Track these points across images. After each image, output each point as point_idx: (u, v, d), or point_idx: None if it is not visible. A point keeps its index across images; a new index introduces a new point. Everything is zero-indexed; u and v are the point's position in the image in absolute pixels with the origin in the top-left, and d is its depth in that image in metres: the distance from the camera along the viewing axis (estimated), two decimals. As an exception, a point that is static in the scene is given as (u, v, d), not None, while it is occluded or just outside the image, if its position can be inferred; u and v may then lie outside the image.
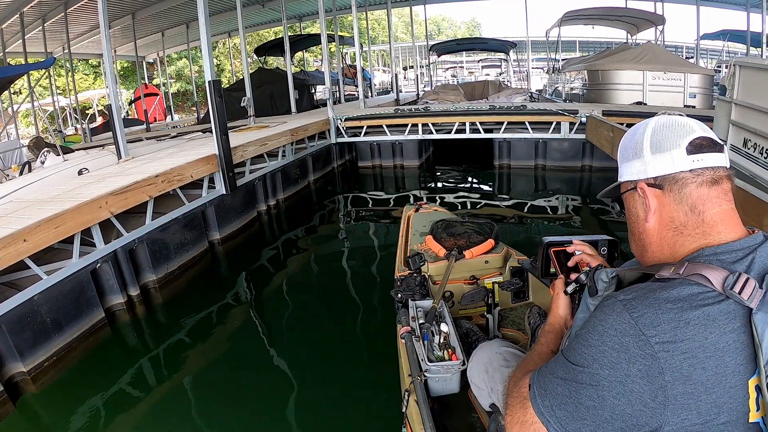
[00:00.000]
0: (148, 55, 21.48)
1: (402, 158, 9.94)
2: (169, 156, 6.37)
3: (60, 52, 15.36)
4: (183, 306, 4.67)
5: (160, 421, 3.10)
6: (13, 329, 3.46)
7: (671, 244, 0.95)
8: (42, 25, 12.53)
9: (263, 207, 7.35)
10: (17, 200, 4.79)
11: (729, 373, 0.77)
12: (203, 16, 5.83)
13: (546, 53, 19.91)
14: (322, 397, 3.17)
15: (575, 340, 0.90)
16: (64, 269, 3.95)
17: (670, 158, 0.94)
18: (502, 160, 9.33)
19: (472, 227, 3.09)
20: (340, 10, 18.45)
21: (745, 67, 4.18)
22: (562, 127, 8.46)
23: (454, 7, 67.64)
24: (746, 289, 0.78)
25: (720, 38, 18.54)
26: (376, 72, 30.17)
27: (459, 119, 9.14)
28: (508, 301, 2.69)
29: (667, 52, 12.06)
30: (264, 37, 27.12)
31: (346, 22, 29.00)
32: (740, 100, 4.14)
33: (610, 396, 0.80)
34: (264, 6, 16.61)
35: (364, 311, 4.35)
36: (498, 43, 19.76)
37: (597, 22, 17.29)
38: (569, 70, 14.54)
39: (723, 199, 0.92)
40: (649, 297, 0.83)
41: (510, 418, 0.96)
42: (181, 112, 28.04)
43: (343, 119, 9.65)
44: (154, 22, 16.34)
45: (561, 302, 1.39)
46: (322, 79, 14.96)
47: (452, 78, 27.94)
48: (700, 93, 10.41)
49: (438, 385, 1.96)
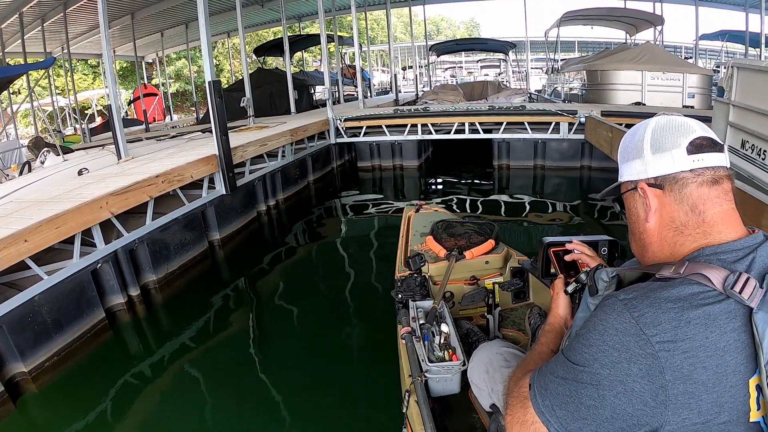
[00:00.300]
0: (147, 56, 21.46)
1: (401, 158, 9.95)
2: (169, 156, 6.38)
3: (59, 52, 15.35)
4: (183, 306, 4.69)
5: (160, 421, 3.10)
6: (13, 329, 3.47)
7: (671, 244, 0.95)
8: (41, 25, 12.52)
9: (263, 207, 7.36)
10: (17, 200, 4.79)
11: (730, 373, 0.77)
12: (203, 17, 5.83)
13: (545, 53, 19.90)
14: (322, 397, 3.17)
15: (576, 340, 0.90)
16: (65, 269, 3.96)
17: (671, 158, 0.93)
18: (501, 160, 9.34)
19: (472, 228, 3.09)
20: (339, 11, 18.45)
21: (743, 69, 4.19)
22: (561, 128, 8.47)
23: (454, 8, 67.39)
24: (747, 288, 0.78)
25: (719, 38, 18.54)
26: (375, 72, 30.18)
27: (458, 119, 9.15)
28: (508, 301, 2.69)
29: (665, 53, 12.06)
30: (263, 37, 27.10)
31: (345, 22, 28.99)
32: (738, 102, 4.16)
33: (611, 395, 0.80)
34: (263, 6, 16.63)
35: (364, 311, 4.35)
36: (497, 43, 19.75)
37: (596, 23, 17.30)
38: (568, 71, 14.52)
39: (723, 199, 0.92)
40: (650, 296, 0.83)
41: (510, 418, 0.96)
42: (180, 112, 28.02)
43: (342, 119, 9.66)
44: (153, 22, 16.33)
45: (561, 302, 1.39)
46: (321, 80, 14.95)
47: (451, 78, 27.95)
48: (698, 93, 10.40)
49: (438, 386, 1.96)
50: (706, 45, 21.69)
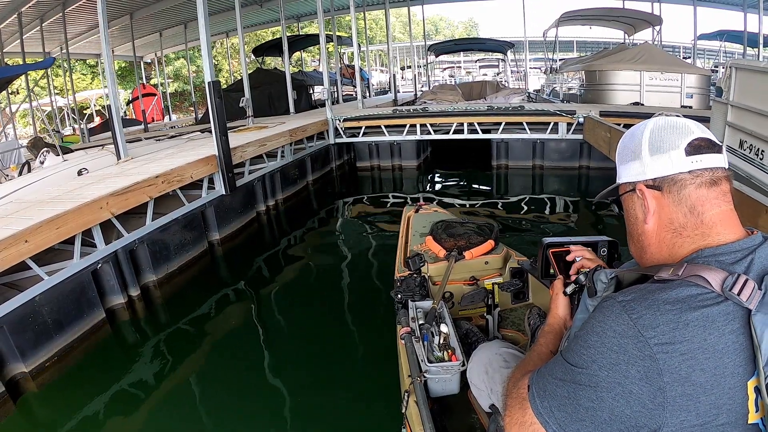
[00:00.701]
0: (146, 56, 21.45)
1: (400, 159, 9.97)
2: (168, 156, 6.38)
3: (57, 52, 15.33)
4: (183, 306, 4.68)
5: (160, 421, 3.11)
6: (14, 329, 3.48)
7: (670, 246, 0.95)
8: (40, 25, 12.50)
9: (262, 207, 7.37)
10: (17, 201, 4.80)
11: (728, 375, 0.76)
12: (203, 17, 5.84)
13: (543, 53, 19.94)
14: (321, 397, 3.18)
15: (574, 341, 0.90)
16: (66, 270, 3.97)
17: (669, 159, 0.93)
18: (500, 160, 9.36)
19: (472, 228, 3.09)
20: (338, 11, 18.46)
21: (741, 69, 4.21)
22: (560, 128, 8.49)
23: (452, 7, 67.51)
24: (745, 290, 0.78)
25: (717, 38, 18.55)
26: (374, 72, 30.15)
27: (457, 120, 9.16)
28: (507, 302, 2.67)
29: (664, 53, 12.08)
30: (262, 37, 27.09)
31: (344, 22, 28.97)
32: (736, 102, 4.17)
33: (609, 397, 0.81)
34: (262, 6, 16.62)
35: (363, 311, 4.35)
36: (495, 43, 19.73)
37: (594, 23, 17.31)
38: (566, 71, 14.55)
39: (722, 200, 0.91)
40: (648, 298, 0.83)
41: (509, 419, 0.96)
42: (179, 112, 27.99)
43: (341, 120, 9.67)
44: (152, 22, 16.31)
45: (560, 303, 1.38)
46: (319, 80, 14.96)
47: (450, 78, 27.97)
48: (697, 93, 10.41)
49: (438, 386, 1.95)
50: (704, 45, 21.66)
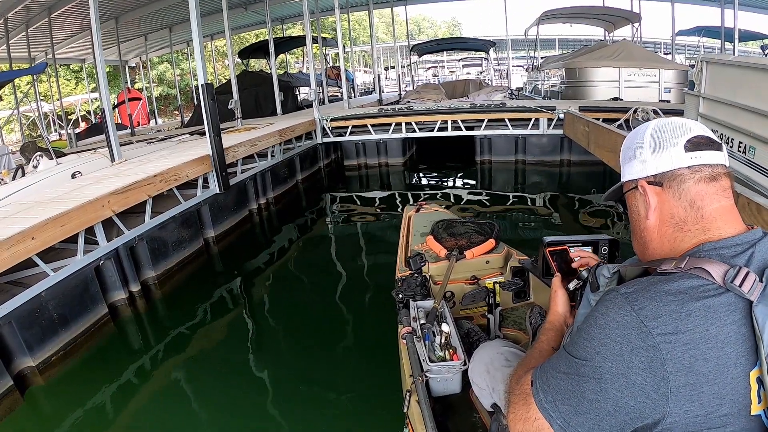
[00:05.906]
0: (131, 60, 21.34)
1: (387, 156, 10.19)
2: (161, 158, 6.50)
3: (43, 57, 15.24)
4: (182, 301, 4.83)
5: (162, 412, 3.21)
6: (22, 324, 3.60)
7: (671, 240, 0.96)
8: (26, 30, 12.45)
9: (255, 205, 7.54)
10: (17, 203, 4.88)
11: (730, 365, 0.77)
12: (195, 22, 5.99)
13: (525, 51, 20.15)
14: (323, 397, 3.22)
15: (577, 334, 0.90)
16: (70, 266, 4.10)
17: (669, 156, 0.95)
18: (483, 156, 9.61)
19: (472, 227, 3.09)
20: (322, 12, 18.55)
21: (712, 63, 4.42)
22: (541, 123, 8.69)
23: (435, 8, 67.79)
24: (746, 282, 0.79)
25: (696, 34, 18.73)
26: (358, 73, 30.22)
27: (441, 117, 9.35)
28: (509, 301, 2.67)
29: (642, 49, 12.32)
30: (245, 39, 27.06)
31: (327, 23, 29.04)
32: (707, 94, 4.37)
33: (613, 389, 0.81)
34: (246, 9, 16.64)
35: (364, 311, 4.41)
36: (478, 42, 19.95)
37: (575, 21, 17.57)
38: (548, 68, 14.75)
39: (722, 196, 0.93)
40: (650, 289, 0.84)
41: (512, 416, 0.95)
42: (164, 116, 27.87)
43: (329, 119, 9.81)
44: (137, 26, 16.19)
45: (559, 299, 1.39)
46: (305, 81, 15.05)
47: (433, 77, 28.12)
48: (674, 88, 10.61)
49: (439, 386, 1.95)
50: (683, 41, 21.82)
